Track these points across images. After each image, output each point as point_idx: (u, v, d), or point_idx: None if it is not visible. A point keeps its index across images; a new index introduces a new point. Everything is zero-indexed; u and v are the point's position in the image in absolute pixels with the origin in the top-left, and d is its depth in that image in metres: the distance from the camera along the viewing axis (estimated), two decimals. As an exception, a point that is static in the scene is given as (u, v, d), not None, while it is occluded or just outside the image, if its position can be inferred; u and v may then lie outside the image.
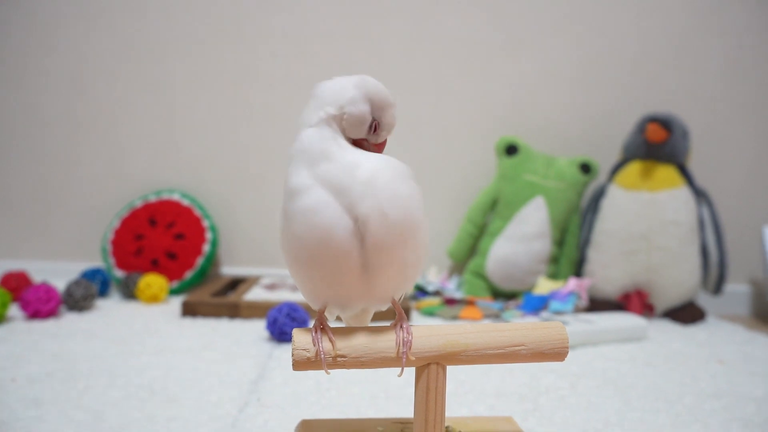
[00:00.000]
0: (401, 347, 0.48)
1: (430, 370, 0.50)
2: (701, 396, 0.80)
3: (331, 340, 0.48)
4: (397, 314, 0.50)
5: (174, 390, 0.76)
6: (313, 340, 0.48)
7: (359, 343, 0.49)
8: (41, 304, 1.07)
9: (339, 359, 0.48)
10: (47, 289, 1.09)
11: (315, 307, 0.51)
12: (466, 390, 0.79)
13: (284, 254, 0.49)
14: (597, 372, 0.89)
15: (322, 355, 0.47)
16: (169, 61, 1.44)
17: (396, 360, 0.49)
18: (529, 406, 0.74)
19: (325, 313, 0.50)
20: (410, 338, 0.49)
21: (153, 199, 1.39)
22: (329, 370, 0.48)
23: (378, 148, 0.52)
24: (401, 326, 0.49)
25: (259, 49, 1.44)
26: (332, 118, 0.50)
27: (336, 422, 0.60)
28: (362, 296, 0.49)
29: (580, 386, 0.82)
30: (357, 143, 0.51)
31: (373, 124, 0.51)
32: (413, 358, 0.49)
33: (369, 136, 0.51)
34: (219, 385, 0.79)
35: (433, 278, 1.37)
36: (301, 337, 0.49)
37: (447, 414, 0.67)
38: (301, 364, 0.48)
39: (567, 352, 0.51)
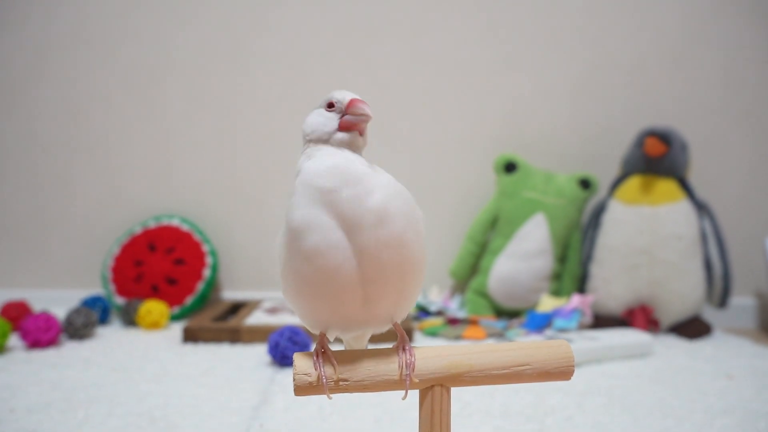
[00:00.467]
0: (404, 369, 0.48)
1: (434, 392, 0.49)
2: (711, 412, 0.79)
3: (333, 364, 0.47)
4: (399, 336, 0.49)
5: (174, 418, 0.75)
6: (314, 364, 0.47)
7: (361, 366, 0.48)
8: (41, 333, 1.06)
9: (341, 383, 0.47)
10: (47, 318, 1.08)
11: (315, 331, 0.50)
12: (471, 411, 0.78)
13: (283, 282, 0.49)
14: (603, 390, 0.88)
15: (324, 380, 0.47)
16: (165, 86, 1.44)
17: (399, 383, 0.48)
18: (536, 427, 0.73)
19: (326, 335, 0.50)
20: (413, 360, 0.48)
21: (152, 224, 1.39)
22: (331, 395, 0.47)
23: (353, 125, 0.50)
24: (404, 348, 0.49)
25: (255, 72, 1.45)
26: (307, 140, 0.52)
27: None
28: (363, 321, 0.49)
29: (586, 405, 0.81)
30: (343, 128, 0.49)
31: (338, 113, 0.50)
32: (417, 380, 0.48)
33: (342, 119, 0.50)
34: (220, 411, 0.78)
35: (435, 298, 1.36)
36: (302, 362, 0.48)
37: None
38: (302, 388, 0.48)
39: (573, 371, 0.50)
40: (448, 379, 0.49)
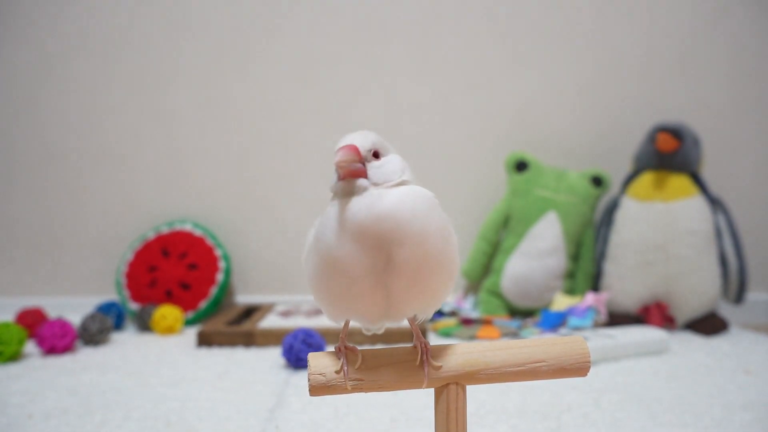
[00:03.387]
0: (422, 355, 0.48)
1: (449, 390, 0.49)
2: (730, 408, 0.78)
3: (357, 358, 0.48)
4: (414, 335, 0.50)
5: (191, 421, 0.75)
6: (338, 360, 0.47)
7: (380, 365, 0.48)
8: (57, 339, 1.07)
9: (358, 383, 0.47)
10: (62, 325, 1.09)
11: (337, 323, 0.51)
12: (487, 410, 0.77)
13: (308, 279, 0.49)
14: (620, 387, 0.87)
15: (345, 373, 0.47)
16: (176, 92, 1.45)
17: (417, 381, 0.48)
18: (553, 425, 0.72)
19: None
20: (429, 348, 0.49)
21: (165, 230, 1.40)
22: (351, 390, 0.47)
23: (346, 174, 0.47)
24: (423, 345, 0.49)
25: (266, 76, 1.45)
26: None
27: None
28: (383, 318, 0.48)
29: (603, 402, 0.80)
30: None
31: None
32: (439, 365, 0.48)
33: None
34: (236, 414, 0.78)
35: (448, 298, 1.36)
36: (316, 362, 0.48)
37: (469, 436, 0.66)
38: (317, 389, 0.48)
39: (589, 367, 0.50)
40: (464, 377, 0.49)
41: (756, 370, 0.95)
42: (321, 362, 0.48)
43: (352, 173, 0.46)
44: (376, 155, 0.49)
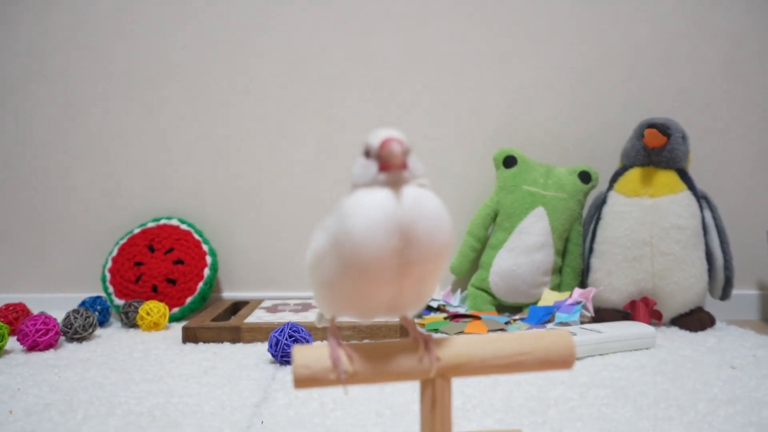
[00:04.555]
0: (426, 359, 0.48)
1: (435, 383, 0.49)
2: (715, 402, 0.78)
3: (350, 357, 0.47)
4: (412, 328, 0.50)
5: (175, 416, 0.75)
6: (332, 359, 0.47)
7: (374, 357, 0.48)
8: (39, 335, 1.05)
9: (356, 375, 0.47)
10: (45, 320, 1.07)
11: (334, 316, 0.51)
12: (474, 404, 0.77)
13: (315, 270, 0.49)
14: (606, 381, 0.87)
15: (342, 374, 0.47)
16: (163, 87, 1.44)
17: (410, 373, 0.48)
18: (539, 419, 0.72)
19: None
20: (435, 350, 0.48)
21: (151, 225, 1.39)
22: (347, 388, 0.47)
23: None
24: (423, 337, 0.49)
25: (254, 71, 1.44)
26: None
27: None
28: (384, 313, 0.48)
29: (589, 396, 0.80)
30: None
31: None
32: (441, 356, 0.48)
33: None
34: (221, 409, 0.77)
35: (436, 294, 1.36)
36: (301, 354, 0.48)
37: (455, 429, 0.66)
38: (302, 381, 0.47)
39: (574, 360, 0.50)
40: (449, 370, 0.48)
41: (741, 365, 0.96)
42: (306, 355, 0.48)
43: (405, 165, 0.45)
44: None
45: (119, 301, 1.32)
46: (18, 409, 0.77)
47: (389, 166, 0.45)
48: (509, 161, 1.36)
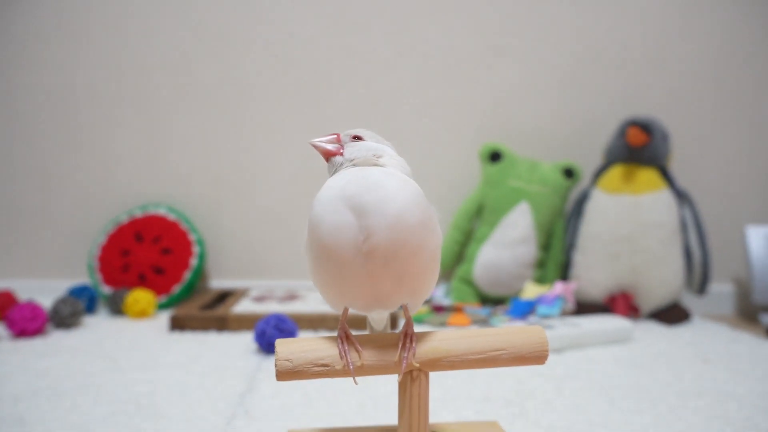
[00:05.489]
0: (403, 353, 0.49)
1: (413, 376, 0.51)
2: (685, 395, 0.81)
3: (357, 350, 0.49)
4: (405, 321, 0.51)
5: (161, 405, 0.76)
6: (339, 352, 0.49)
7: (365, 351, 0.50)
8: (27, 322, 1.07)
9: (363, 367, 0.49)
10: (33, 308, 1.08)
11: (337, 309, 0.52)
12: (453, 395, 0.80)
13: (307, 261, 0.51)
14: (583, 374, 0.90)
15: (350, 366, 0.48)
16: (153, 76, 1.44)
17: (397, 366, 0.49)
18: (516, 410, 0.75)
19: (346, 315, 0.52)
20: (414, 346, 0.50)
21: (139, 214, 1.39)
22: (358, 380, 0.50)
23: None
24: (406, 333, 0.51)
25: (242, 61, 1.45)
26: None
27: (324, 431, 0.61)
28: (375, 307, 0.50)
29: (566, 389, 0.83)
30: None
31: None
32: (416, 365, 0.49)
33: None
34: (206, 398, 0.79)
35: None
36: (283, 348, 0.49)
37: (434, 420, 0.68)
38: (284, 374, 0.49)
39: (547, 355, 0.52)
40: (427, 364, 0.50)
41: (713, 359, 0.99)
42: (288, 348, 0.49)
43: (325, 152, 0.52)
44: (356, 139, 0.54)
45: (107, 289, 1.33)
46: (6, 396, 0.79)
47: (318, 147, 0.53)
48: (495, 156, 1.38)
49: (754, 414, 0.75)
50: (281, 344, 0.50)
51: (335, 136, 0.54)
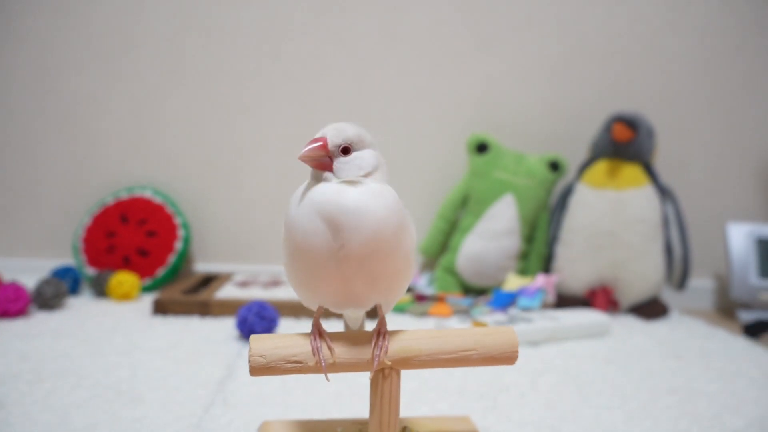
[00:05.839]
0: (376, 351, 0.50)
1: (384, 374, 0.52)
2: (656, 392, 0.83)
3: (329, 347, 0.50)
4: (379, 319, 0.52)
5: (140, 390, 0.77)
6: (312, 349, 0.50)
7: (339, 348, 0.50)
8: (9, 303, 1.07)
9: (335, 365, 0.50)
10: (16, 289, 1.08)
11: (311, 307, 0.53)
12: (428, 388, 0.81)
13: (283, 261, 0.52)
14: (558, 369, 0.91)
15: (323, 363, 0.49)
16: (141, 56, 1.43)
17: (369, 363, 0.50)
18: (489, 404, 0.76)
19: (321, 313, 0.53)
20: (386, 345, 0.51)
21: (124, 195, 1.39)
22: (329, 377, 0.50)
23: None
24: (380, 332, 0.51)
25: (231, 44, 1.44)
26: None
27: (297, 423, 0.62)
28: (349, 305, 0.51)
29: (540, 383, 0.84)
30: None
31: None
32: (389, 363, 0.50)
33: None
34: (186, 384, 0.80)
35: (404, 274, 1.39)
36: (257, 344, 0.50)
37: (408, 412, 0.69)
38: (257, 369, 0.50)
39: (517, 356, 0.53)
40: (398, 363, 0.51)
41: (687, 356, 1.01)
42: (262, 345, 0.50)
43: (318, 166, 0.50)
44: (345, 151, 0.50)
45: (91, 271, 1.33)
46: (-14, 379, 0.79)
47: (308, 163, 0.50)
48: (482, 147, 1.38)
49: (723, 412, 0.77)
50: (255, 340, 0.50)
51: (321, 143, 0.49)
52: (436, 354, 0.52)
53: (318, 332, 0.51)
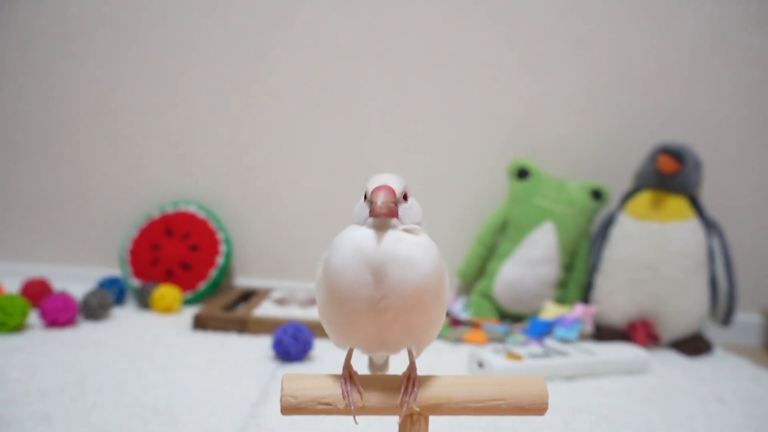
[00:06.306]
0: (405, 396, 0.51)
1: (413, 419, 0.52)
2: (694, 439, 0.80)
3: (360, 392, 0.51)
4: (409, 364, 0.53)
5: (176, 411, 0.79)
6: (342, 393, 0.51)
7: (370, 392, 0.51)
8: (59, 313, 1.11)
9: (364, 408, 0.51)
10: (65, 299, 1.13)
11: (342, 347, 0.54)
12: (459, 423, 0.81)
13: (318, 301, 0.53)
14: (593, 407, 0.90)
15: (352, 407, 0.50)
16: (190, 74, 1.47)
17: (398, 408, 0.51)
18: (520, 444, 0.75)
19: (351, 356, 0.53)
20: (416, 391, 0.51)
21: (170, 209, 1.43)
22: (358, 420, 0.51)
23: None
24: (409, 377, 0.52)
25: (275, 63, 1.47)
26: None
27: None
28: (378, 347, 0.52)
29: (573, 424, 0.83)
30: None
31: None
32: (417, 409, 0.51)
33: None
34: (220, 406, 0.82)
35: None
36: (289, 384, 0.51)
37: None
38: (288, 409, 0.51)
39: (546, 407, 0.53)
40: (426, 409, 0.52)
41: (729, 399, 0.97)
42: (294, 385, 0.51)
43: (391, 213, 0.49)
44: (405, 197, 0.52)
45: (136, 282, 1.38)
46: (34, 390, 0.83)
47: (375, 212, 0.49)
48: (522, 173, 1.37)
49: (763, 465, 0.74)
50: (288, 380, 0.51)
51: (390, 190, 0.49)
52: (464, 402, 0.52)
53: (348, 375, 0.52)
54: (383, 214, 0.49)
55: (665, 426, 0.84)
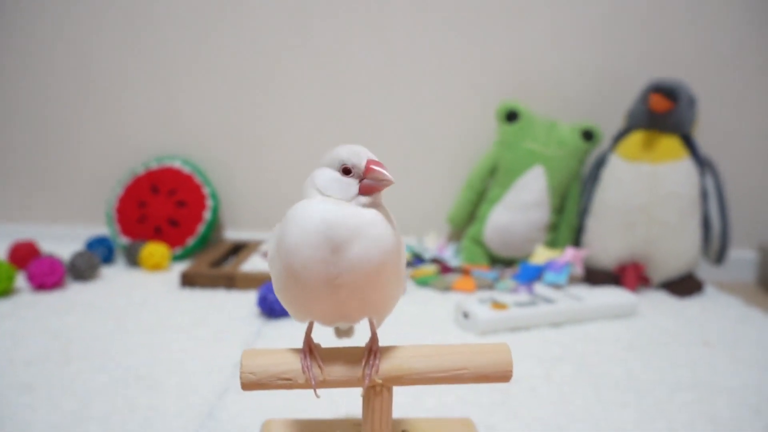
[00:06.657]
0: (366, 369, 0.50)
1: (376, 391, 0.51)
2: (675, 387, 0.80)
3: (320, 366, 0.50)
4: (371, 336, 0.52)
5: (159, 375, 0.80)
6: (303, 367, 0.50)
7: (331, 365, 0.50)
8: (45, 277, 1.11)
9: (324, 381, 0.50)
10: (52, 262, 1.13)
11: (301, 321, 0.53)
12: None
13: (272, 277, 0.52)
14: (576, 356, 0.90)
15: (313, 381, 0.50)
16: (170, 29, 1.42)
17: (360, 381, 0.50)
18: (498, 398, 0.76)
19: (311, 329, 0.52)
20: (377, 363, 0.51)
21: (154, 166, 1.41)
22: (319, 394, 0.51)
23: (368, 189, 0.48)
24: (371, 349, 0.51)
25: (259, 16, 1.40)
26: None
27: (298, 423, 0.63)
28: (337, 319, 0.51)
29: (554, 374, 0.83)
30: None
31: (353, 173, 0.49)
32: (379, 381, 0.50)
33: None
34: (203, 369, 0.82)
35: (430, 244, 1.38)
36: (248, 361, 0.50)
37: (416, 402, 0.69)
38: (248, 385, 0.50)
39: (511, 375, 0.52)
40: (389, 381, 0.51)
41: (715, 341, 0.97)
42: (253, 362, 0.50)
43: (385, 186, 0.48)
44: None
45: (124, 240, 1.37)
46: (18, 359, 0.83)
47: (374, 189, 0.48)
48: (512, 116, 1.33)
49: (742, 413, 0.74)
50: (246, 357, 0.51)
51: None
52: (427, 372, 0.51)
53: (309, 349, 0.51)
54: (386, 186, 0.47)
55: (645, 376, 0.84)
